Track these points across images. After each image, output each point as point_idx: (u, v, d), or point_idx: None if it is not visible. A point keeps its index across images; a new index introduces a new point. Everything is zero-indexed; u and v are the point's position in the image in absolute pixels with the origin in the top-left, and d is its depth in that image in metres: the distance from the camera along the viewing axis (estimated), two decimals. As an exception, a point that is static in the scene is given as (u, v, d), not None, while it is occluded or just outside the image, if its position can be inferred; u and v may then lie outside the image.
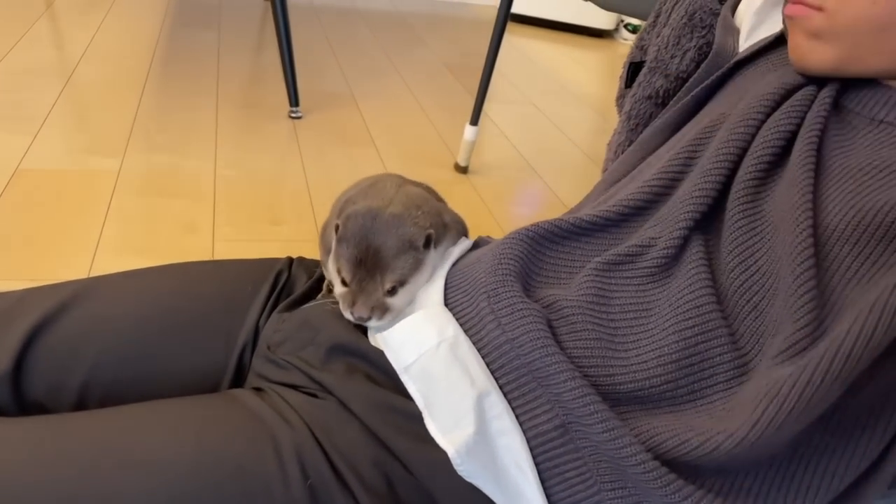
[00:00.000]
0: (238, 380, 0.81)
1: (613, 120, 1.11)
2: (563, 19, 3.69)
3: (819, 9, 0.64)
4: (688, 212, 0.66)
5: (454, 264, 0.78)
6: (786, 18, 0.69)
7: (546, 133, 2.35)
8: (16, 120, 1.89)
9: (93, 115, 2.01)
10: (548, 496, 0.62)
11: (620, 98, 1.20)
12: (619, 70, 1.12)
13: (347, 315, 0.73)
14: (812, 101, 0.67)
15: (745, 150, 0.67)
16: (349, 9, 3.63)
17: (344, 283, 0.74)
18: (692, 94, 0.80)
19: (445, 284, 0.75)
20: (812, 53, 0.66)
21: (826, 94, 0.66)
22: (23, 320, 0.78)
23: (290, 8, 3.34)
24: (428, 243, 0.75)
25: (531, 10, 3.69)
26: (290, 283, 0.89)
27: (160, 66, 2.43)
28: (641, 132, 0.94)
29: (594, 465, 0.61)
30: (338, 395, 0.68)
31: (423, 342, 0.66)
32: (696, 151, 0.72)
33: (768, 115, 0.68)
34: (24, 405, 0.76)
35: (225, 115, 2.12)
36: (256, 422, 0.66)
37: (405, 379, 0.65)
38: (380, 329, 0.72)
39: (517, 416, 0.63)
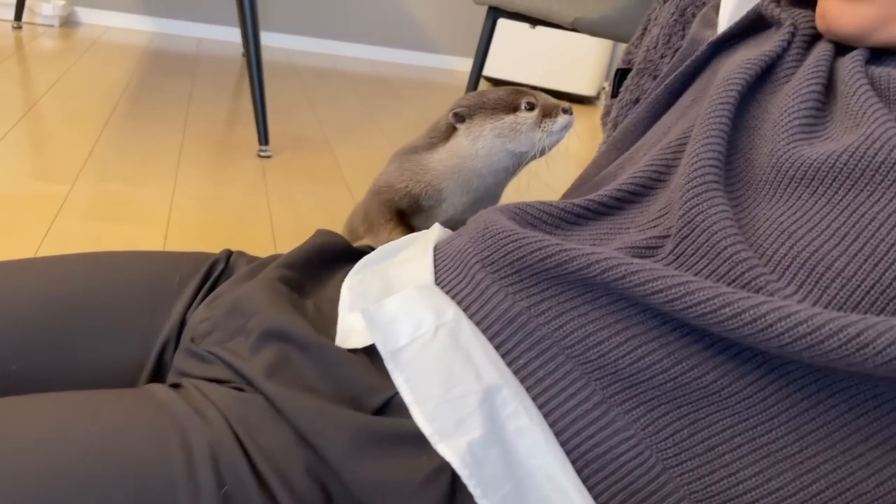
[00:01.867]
0: (157, 380, 0.68)
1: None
2: (546, 85, 3.71)
3: None
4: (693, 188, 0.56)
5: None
6: None
7: (527, 184, 2.28)
8: (-38, 145, 1.78)
9: (49, 144, 1.90)
10: (596, 494, 0.50)
11: (606, 115, 1.13)
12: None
13: (564, 118, 0.80)
14: (832, 58, 0.60)
15: (731, 118, 0.59)
16: (330, 69, 3.61)
17: (529, 106, 0.79)
18: (665, 83, 0.73)
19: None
20: (845, 16, 0.59)
21: (858, 55, 0.59)
22: None
23: (269, 64, 3.31)
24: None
25: (515, 75, 3.74)
26: (227, 274, 0.77)
27: (127, 106, 2.34)
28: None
29: (651, 439, 0.49)
30: (264, 390, 0.55)
31: (419, 323, 0.54)
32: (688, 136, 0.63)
33: (749, 81, 0.61)
34: None
35: (189, 151, 2.02)
36: (164, 415, 0.53)
37: (391, 367, 0.53)
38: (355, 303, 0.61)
39: (544, 404, 0.52)
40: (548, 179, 2.32)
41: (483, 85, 3.81)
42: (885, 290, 0.46)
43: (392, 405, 0.54)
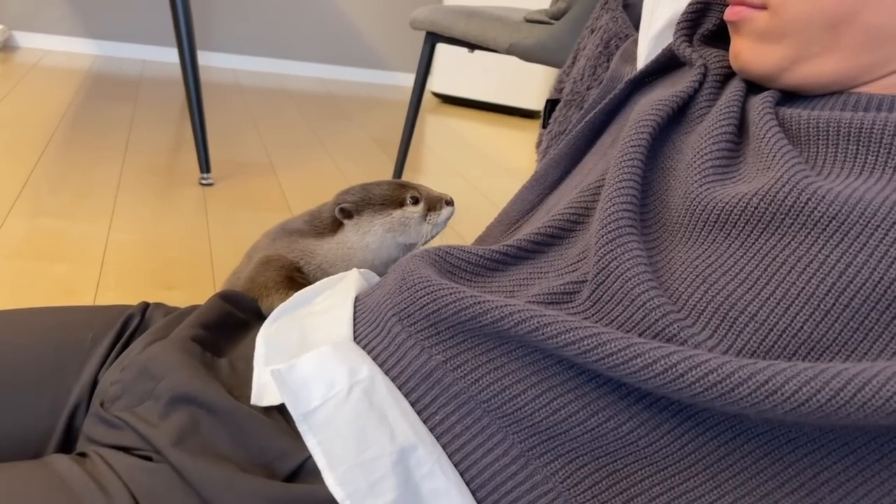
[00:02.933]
0: (66, 447, 0.66)
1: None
2: (494, 100, 3.73)
3: (762, 7, 0.58)
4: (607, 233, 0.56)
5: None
6: (728, 24, 0.63)
7: (475, 202, 2.28)
8: None
9: (-22, 179, 1.85)
10: None
11: (538, 144, 1.14)
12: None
13: (447, 210, 0.82)
14: (743, 98, 0.61)
15: (643, 160, 0.59)
16: (277, 89, 3.58)
17: (414, 200, 0.81)
18: (585, 120, 0.73)
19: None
20: (756, 56, 0.60)
21: (769, 96, 0.59)
22: None
23: (215, 86, 3.27)
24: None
25: (463, 91, 3.75)
26: (143, 329, 0.74)
27: (64, 134, 2.29)
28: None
29: (570, 492, 0.49)
30: (171, 459, 0.53)
31: (332, 383, 0.53)
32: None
33: (661, 122, 0.62)
34: None
35: (128, 181, 1.98)
36: (62, 492, 0.51)
37: (304, 429, 0.52)
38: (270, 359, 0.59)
39: (461, 460, 0.51)
40: (493, 197, 2.33)
41: (431, 101, 3.81)
42: (797, 335, 0.46)
43: (306, 468, 0.53)
